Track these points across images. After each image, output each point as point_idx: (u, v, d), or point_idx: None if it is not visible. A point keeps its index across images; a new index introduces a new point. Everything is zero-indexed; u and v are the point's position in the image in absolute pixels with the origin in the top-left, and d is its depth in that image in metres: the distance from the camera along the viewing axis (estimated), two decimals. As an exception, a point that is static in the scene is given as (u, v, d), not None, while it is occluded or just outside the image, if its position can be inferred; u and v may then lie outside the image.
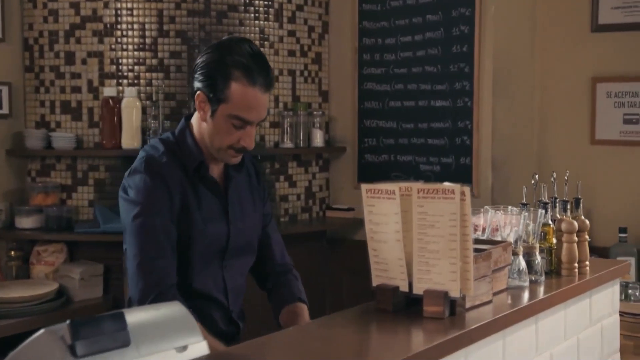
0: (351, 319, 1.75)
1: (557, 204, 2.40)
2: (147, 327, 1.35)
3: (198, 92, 2.01)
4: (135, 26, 3.78)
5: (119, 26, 3.79)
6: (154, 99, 3.75)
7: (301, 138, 4.05)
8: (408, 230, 1.79)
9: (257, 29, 3.91)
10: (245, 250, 2.16)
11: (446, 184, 1.76)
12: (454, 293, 1.75)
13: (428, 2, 3.86)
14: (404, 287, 1.80)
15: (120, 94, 3.75)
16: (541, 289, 2.10)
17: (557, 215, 2.38)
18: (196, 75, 2.02)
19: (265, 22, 3.94)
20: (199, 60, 2.03)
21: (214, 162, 2.10)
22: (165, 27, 3.77)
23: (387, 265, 1.82)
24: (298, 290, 2.24)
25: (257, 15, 3.92)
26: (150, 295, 1.89)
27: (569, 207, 2.43)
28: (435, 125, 3.87)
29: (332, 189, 4.33)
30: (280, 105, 4.04)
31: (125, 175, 2.05)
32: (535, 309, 1.97)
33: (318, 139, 4.08)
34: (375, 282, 1.84)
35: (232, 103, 1.97)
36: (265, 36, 3.95)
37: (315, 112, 4.11)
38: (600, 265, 2.45)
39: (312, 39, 4.17)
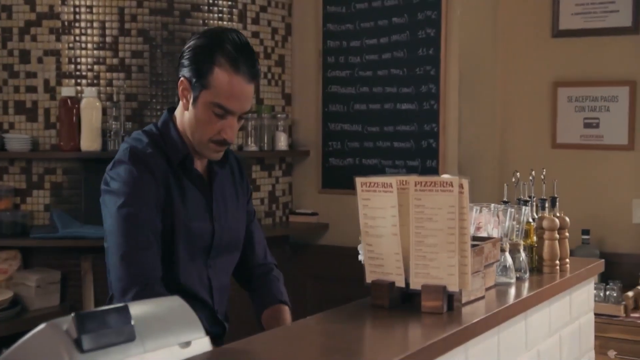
0: (350, 315, 1.70)
1: (535, 203, 2.41)
2: (151, 322, 1.28)
3: (181, 78, 1.95)
4: (95, 24, 3.67)
5: (77, 24, 3.67)
6: (114, 99, 3.64)
7: (265, 141, 3.99)
8: (403, 224, 1.76)
9: (220, 29, 3.85)
10: (230, 249, 2.09)
11: (445, 176, 1.74)
12: (452, 287, 1.72)
13: (394, 5, 3.85)
14: (400, 282, 1.76)
15: (79, 94, 3.63)
16: (528, 286, 2.10)
17: (534, 214, 2.39)
18: (181, 62, 1.96)
19: (229, 23, 3.87)
20: (185, 47, 1.98)
21: (198, 157, 2.03)
22: (126, 26, 3.67)
23: (382, 260, 1.78)
24: (279, 291, 2.17)
25: (220, 15, 3.86)
26: (134, 288, 1.80)
27: (547, 205, 2.45)
28: (401, 128, 3.86)
29: (295, 194, 4.28)
30: (244, 107, 3.98)
31: (107, 168, 1.95)
32: (527, 305, 1.96)
33: (282, 142, 4.03)
34: (369, 278, 1.80)
35: (214, 90, 1.90)
36: (229, 37, 3.88)
37: (279, 115, 4.06)
38: (577, 264, 2.46)
39: (275, 41, 4.13)
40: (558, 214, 2.43)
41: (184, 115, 1.98)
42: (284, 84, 4.21)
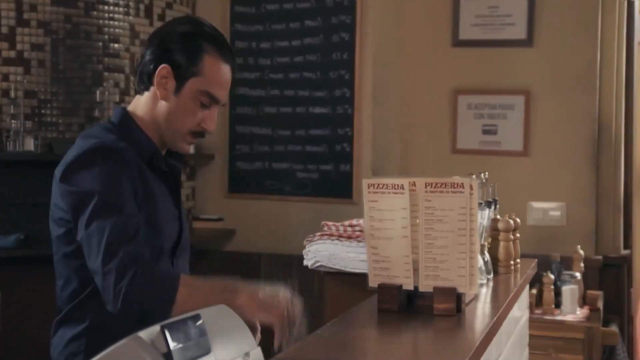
0: (367, 320, 1.65)
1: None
2: (214, 333, 1.19)
3: (163, 66, 1.79)
4: (-12, 13, 3.37)
5: (-33, 12, 3.35)
6: (12, 96, 3.35)
7: (172, 143, 3.82)
8: (411, 226, 1.74)
9: (127, 24, 3.65)
10: (188, 247, 1.98)
11: (455, 177, 1.73)
12: (463, 289, 1.71)
13: (307, 8, 3.83)
14: (409, 285, 1.73)
15: (-30, 89, 3.32)
16: (497, 286, 2.14)
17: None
18: (166, 48, 1.81)
19: (136, 18, 3.68)
20: (163, 32, 1.85)
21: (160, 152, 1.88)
22: (25, 16, 3.40)
23: (389, 263, 1.74)
24: None
25: (127, 10, 3.66)
26: (130, 271, 1.59)
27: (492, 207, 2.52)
28: (314, 132, 3.83)
29: (199, 199, 4.13)
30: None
31: (65, 163, 1.73)
32: (512, 304, 2.00)
33: (188, 144, 3.88)
34: (373, 282, 1.75)
35: (204, 77, 1.79)
36: (136, 33, 3.69)
37: (185, 117, 3.90)
38: (522, 264, 2.54)
39: (180, 40, 3.97)
40: (499, 216, 2.51)
41: (157, 105, 1.82)
42: (188, 85, 4.06)
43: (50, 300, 1.84)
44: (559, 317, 3.53)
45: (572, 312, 3.57)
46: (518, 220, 2.48)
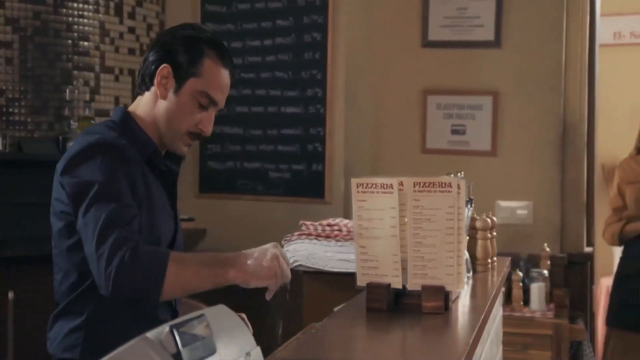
0: (357, 320, 1.66)
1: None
2: (219, 333, 1.19)
3: (163, 65, 1.83)
4: (-46, 9, 3.29)
5: None
6: (-21, 94, 3.29)
7: (142, 143, 3.79)
8: (400, 225, 1.75)
9: (97, 22, 3.60)
10: (181, 247, 1.99)
11: (443, 177, 1.75)
12: (450, 287, 1.73)
13: (278, 7, 3.82)
14: (397, 284, 1.75)
15: None
16: (477, 284, 2.17)
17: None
18: (169, 49, 1.85)
19: (105, 16, 3.64)
20: (166, 35, 1.90)
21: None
22: (-8, 13, 3.34)
23: (377, 262, 1.76)
24: None
25: (96, 7, 3.61)
26: (120, 252, 1.59)
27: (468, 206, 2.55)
28: (286, 132, 3.83)
29: (169, 198, 4.10)
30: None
31: (67, 157, 1.75)
32: (493, 303, 2.03)
33: (158, 144, 3.85)
34: (361, 281, 1.77)
35: (204, 78, 1.84)
36: (106, 31, 3.64)
37: (155, 116, 3.87)
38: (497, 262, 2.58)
39: (150, 38, 3.94)
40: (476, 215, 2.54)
41: (157, 104, 1.86)
42: (158, 84, 4.02)
43: (49, 300, 1.82)
44: (528, 314, 3.59)
45: (541, 309, 3.64)
46: (495, 219, 2.52)
